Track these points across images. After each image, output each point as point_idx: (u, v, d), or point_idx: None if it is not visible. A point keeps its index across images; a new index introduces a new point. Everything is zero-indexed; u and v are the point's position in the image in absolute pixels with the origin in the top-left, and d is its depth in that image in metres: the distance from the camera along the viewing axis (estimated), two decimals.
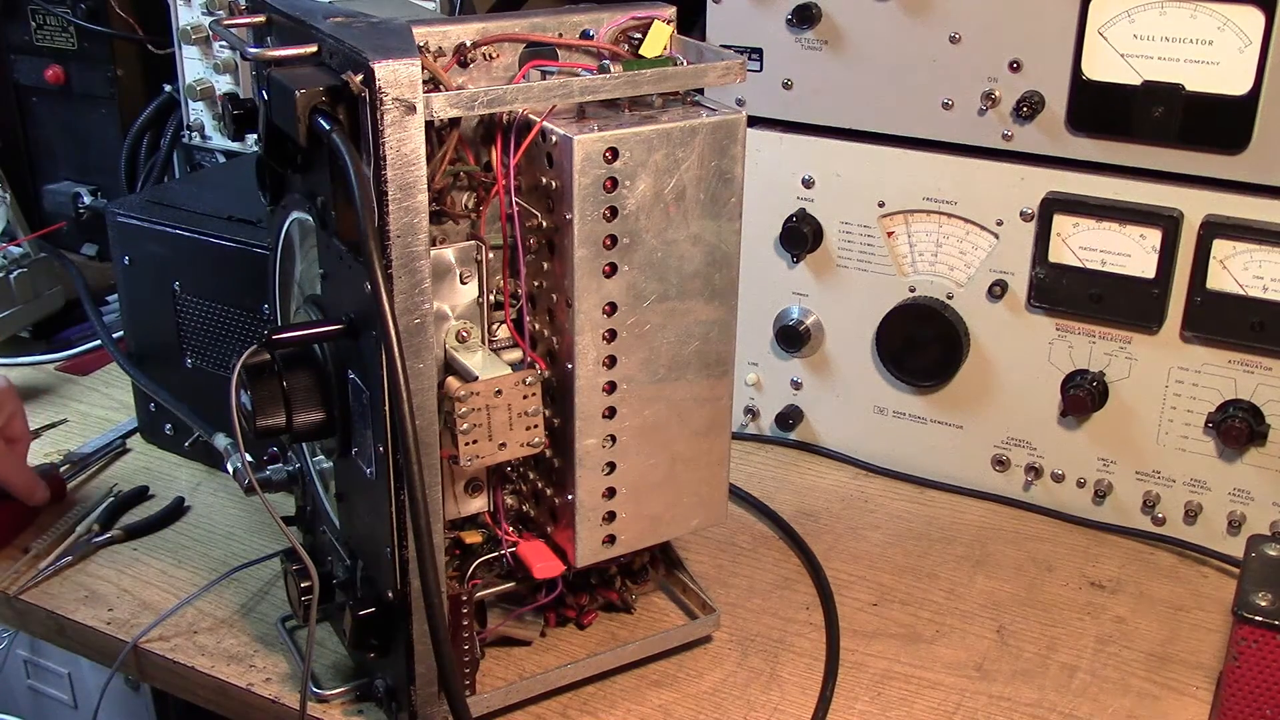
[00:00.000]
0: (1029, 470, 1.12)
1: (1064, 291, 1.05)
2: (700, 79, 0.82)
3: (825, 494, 1.16)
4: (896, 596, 1.02)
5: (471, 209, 0.82)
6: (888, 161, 1.10)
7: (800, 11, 1.08)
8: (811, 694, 0.90)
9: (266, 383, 0.83)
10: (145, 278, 1.15)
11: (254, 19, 0.87)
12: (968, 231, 1.09)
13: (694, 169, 0.80)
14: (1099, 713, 0.89)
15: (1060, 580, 1.04)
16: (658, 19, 0.84)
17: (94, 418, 1.27)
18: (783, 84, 1.12)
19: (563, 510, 0.86)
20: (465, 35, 0.80)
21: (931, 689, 0.91)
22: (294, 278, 0.94)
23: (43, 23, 1.49)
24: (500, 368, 0.81)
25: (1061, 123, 1.02)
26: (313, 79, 0.74)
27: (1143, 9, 0.96)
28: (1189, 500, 1.06)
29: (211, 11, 1.38)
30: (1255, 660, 0.80)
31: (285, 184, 0.90)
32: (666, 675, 0.92)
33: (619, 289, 0.81)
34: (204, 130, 1.45)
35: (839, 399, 1.19)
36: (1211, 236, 0.98)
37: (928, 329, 1.11)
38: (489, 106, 0.76)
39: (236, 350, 1.09)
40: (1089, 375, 1.06)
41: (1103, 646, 0.96)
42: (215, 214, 1.13)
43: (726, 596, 1.00)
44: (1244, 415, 1.01)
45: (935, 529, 1.11)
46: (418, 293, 0.75)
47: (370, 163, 0.72)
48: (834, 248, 1.14)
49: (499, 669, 0.91)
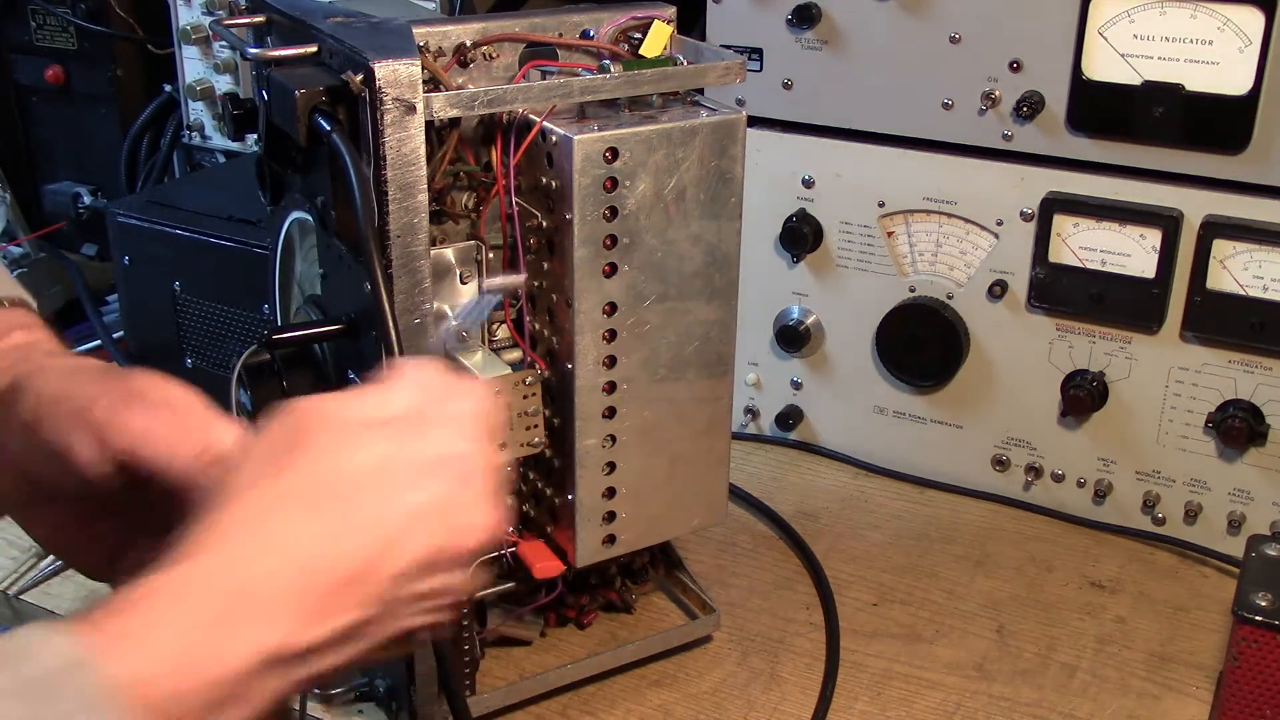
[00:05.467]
0: (1029, 470, 1.12)
1: (1064, 291, 1.05)
2: (700, 79, 0.82)
3: (825, 494, 1.16)
4: (896, 596, 1.02)
5: (471, 209, 0.82)
6: (888, 161, 1.10)
7: (800, 11, 1.08)
8: (811, 694, 0.90)
9: (266, 383, 0.83)
10: (145, 278, 1.15)
11: (254, 19, 0.87)
12: (968, 231, 1.09)
13: (694, 169, 0.80)
14: (1099, 713, 0.89)
15: (1060, 580, 1.04)
16: (658, 19, 0.84)
17: None
18: (783, 84, 1.12)
19: (563, 510, 0.86)
20: (465, 35, 0.80)
21: (931, 689, 0.91)
22: (294, 278, 0.94)
23: (43, 23, 1.49)
24: (500, 368, 0.81)
25: (1061, 123, 1.02)
26: (313, 79, 0.74)
27: (1143, 9, 0.96)
28: (1189, 500, 1.06)
29: (211, 11, 1.38)
30: (1255, 660, 0.80)
31: (285, 184, 0.90)
32: (666, 675, 0.92)
33: (619, 289, 0.81)
34: (204, 130, 1.45)
35: (839, 399, 1.19)
36: (1211, 236, 0.98)
37: (928, 329, 1.11)
38: (489, 106, 0.76)
39: (236, 350, 1.09)
40: (1089, 375, 1.06)
41: (1103, 646, 0.96)
42: (215, 214, 1.13)
43: (726, 596, 1.00)
44: (1244, 415, 1.01)
45: (935, 529, 1.11)
46: (418, 293, 0.75)
47: (370, 163, 0.72)
48: (834, 248, 1.14)
49: (499, 669, 0.91)
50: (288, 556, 0.50)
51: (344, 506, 0.52)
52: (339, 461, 0.53)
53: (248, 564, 0.50)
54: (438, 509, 0.53)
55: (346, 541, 0.51)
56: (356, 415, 0.55)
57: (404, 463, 0.54)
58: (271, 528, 0.51)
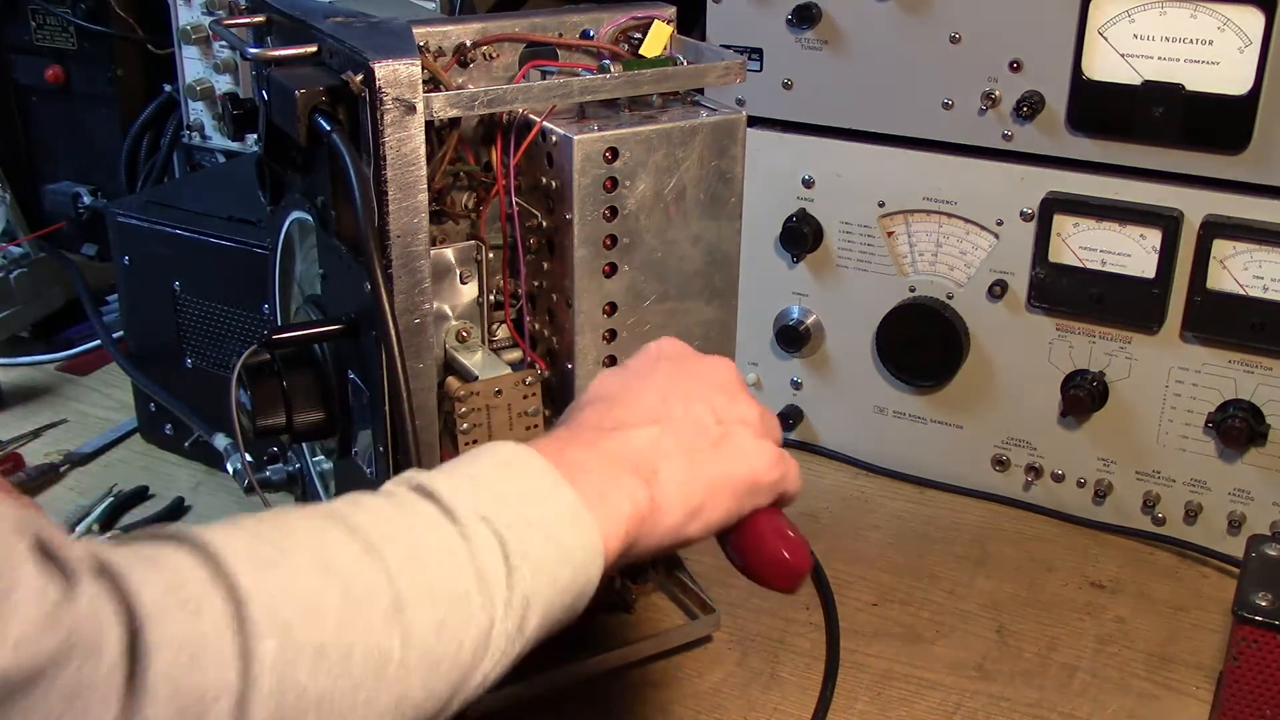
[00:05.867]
0: (1029, 470, 1.12)
1: (1064, 291, 1.05)
2: (700, 79, 0.82)
3: (825, 494, 1.16)
4: (896, 596, 1.02)
5: (471, 209, 0.82)
6: (888, 161, 1.10)
7: (800, 11, 1.08)
8: (811, 694, 0.90)
9: (266, 383, 0.83)
10: (145, 278, 1.15)
11: (254, 19, 0.87)
12: (968, 231, 1.09)
13: (694, 169, 0.80)
14: (1099, 713, 0.89)
15: (1060, 580, 1.04)
16: (658, 19, 0.84)
17: (94, 418, 1.27)
18: (783, 84, 1.12)
19: None
20: (465, 35, 0.80)
21: (931, 689, 0.91)
22: (294, 278, 0.94)
23: (43, 23, 1.49)
24: (500, 368, 0.81)
25: (1061, 123, 1.02)
26: (313, 79, 0.74)
27: (1143, 9, 0.96)
28: (1189, 500, 1.06)
29: (211, 11, 1.38)
30: (1255, 660, 0.80)
31: (285, 184, 0.90)
32: (666, 675, 0.92)
33: (619, 289, 0.81)
34: (204, 130, 1.45)
35: (839, 399, 1.19)
36: (1211, 236, 0.98)
37: (928, 329, 1.11)
38: (489, 106, 0.76)
39: (236, 350, 1.09)
40: (1089, 375, 1.06)
41: (1103, 646, 0.96)
42: (215, 214, 1.13)
43: (726, 596, 1.00)
44: (1244, 415, 1.01)
45: (935, 529, 1.11)
46: (418, 293, 0.75)
47: (370, 163, 0.72)
48: (834, 248, 1.14)
49: None
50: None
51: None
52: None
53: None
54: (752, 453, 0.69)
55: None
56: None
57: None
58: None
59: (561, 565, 0.59)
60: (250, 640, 0.48)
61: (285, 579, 0.51)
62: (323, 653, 0.50)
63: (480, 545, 0.57)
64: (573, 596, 0.60)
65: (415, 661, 0.53)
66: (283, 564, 0.51)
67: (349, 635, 0.51)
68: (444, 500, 0.58)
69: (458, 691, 0.56)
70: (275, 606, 0.50)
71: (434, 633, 0.54)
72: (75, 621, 0.44)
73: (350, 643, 0.51)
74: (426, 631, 0.54)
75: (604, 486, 0.63)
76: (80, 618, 0.44)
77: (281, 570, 0.51)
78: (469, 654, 0.55)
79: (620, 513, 0.62)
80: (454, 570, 0.55)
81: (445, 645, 0.54)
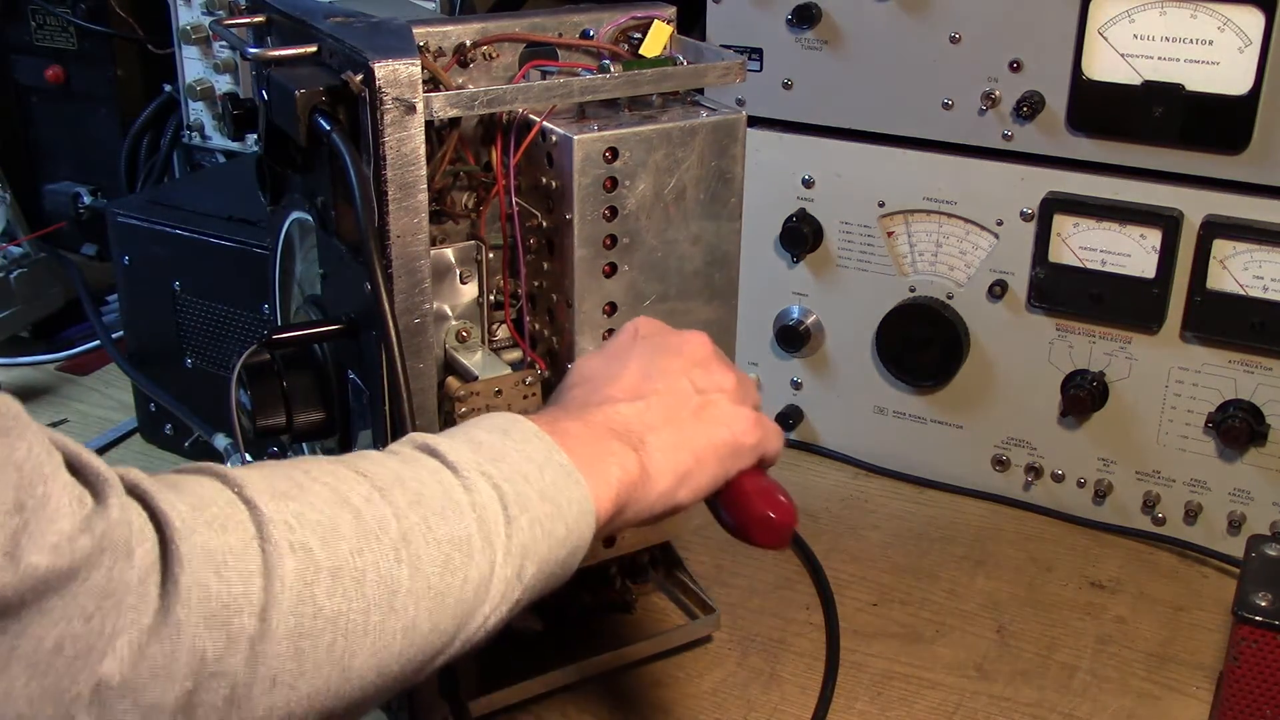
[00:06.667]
0: (1029, 470, 1.12)
1: (1064, 291, 1.05)
2: (700, 79, 0.82)
3: (825, 494, 1.16)
4: (896, 596, 1.02)
5: (471, 209, 0.82)
6: (888, 161, 1.10)
7: (800, 11, 1.08)
8: (811, 694, 0.90)
9: (266, 383, 0.83)
10: (145, 278, 1.15)
11: (254, 19, 0.87)
12: (968, 231, 1.09)
13: (694, 169, 0.80)
14: (1099, 713, 0.89)
15: (1060, 580, 1.04)
16: (658, 19, 0.84)
17: (94, 418, 1.27)
18: (783, 84, 1.12)
19: None
20: (465, 35, 0.80)
21: (931, 689, 0.91)
22: (294, 278, 0.94)
23: (43, 23, 1.49)
24: (500, 368, 0.81)
25: (1061, 123, 1.02)
26: (313, 79, 0.74)
27: (1143, 9, 0.96)
28: (1189, 500, 1.06)
29: (211, 11, 1.38)
30: (1255, 660, 0.80)
31: (285, 184, 0.90)
32: (666, 675, 0.92)
33: (619, 289, 0.81)
34: (204, 130, 1.45)
35: (839, 399, 1.19)
36: (1211, 236, 0.98)
37: (928, 329, 1.11)
38: (489, 106, 0.76)
39: (236, 350, 1.09)
40: (1089, 375, 1.06)
41: (1103, 646, 0.96)
42: (215, 214, 1.13)
43: (726, 596, 1.00)
44: (1244, 415, 1.01)
45: (935, 529, 1.11)
46: (418, 293, 0.75)
47: (370, 163, 0.72)
48: (834, 248, 1.14)
49: (499, 669, 0.91)
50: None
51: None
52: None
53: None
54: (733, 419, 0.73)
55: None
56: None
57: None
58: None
59: (556, 521, 0.63)
60: (272, 558, 0.52)
61: (302, 507, 0.55)
62: (338, 575, 0.54)
63: (481, 496, 0.60)
64: (566, 552, 0.64)
65: (422, 591, 0.57)
66: (299, 496, 0.55)
67: (361, 561, 0.55)
68: (447, 457, 0.62)
69: (461, 628, 0.59)
70: (294, 529, 0.53)
71: (440, 567, 0.57)
72: (108, 526, 0.47)
73: (363, 568, 0.55)
74: (432, 566, 0.57)
75: (595, 452, 0.66)
76: (113, 523, 0.47)
77: (299, 501, 0.55)
78: (472, 592, 0.59)
79: (611, 476, 0.66)
80: (456, 515, 0.59)
81: (450, 580, 0.58)
